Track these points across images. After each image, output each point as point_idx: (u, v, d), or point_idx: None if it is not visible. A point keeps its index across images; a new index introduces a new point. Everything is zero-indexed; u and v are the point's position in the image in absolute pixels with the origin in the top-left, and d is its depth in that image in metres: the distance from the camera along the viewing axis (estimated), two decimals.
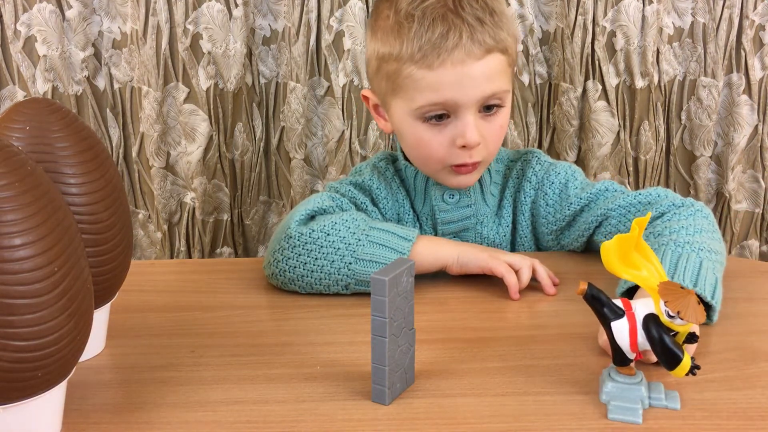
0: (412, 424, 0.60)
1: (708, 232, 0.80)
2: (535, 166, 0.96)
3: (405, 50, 0.84)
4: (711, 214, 0.84)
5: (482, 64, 0.84)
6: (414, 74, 0.85)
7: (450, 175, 0.90)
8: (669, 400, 0.61)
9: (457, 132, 0.86)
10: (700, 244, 0.76)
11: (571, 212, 0.92)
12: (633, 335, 0.57)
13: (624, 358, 0.59)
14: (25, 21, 1.35)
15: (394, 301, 0.60)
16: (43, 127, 0.63)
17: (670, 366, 0.56)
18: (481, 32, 0.84)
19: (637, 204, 0.88)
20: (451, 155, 0.88)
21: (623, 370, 0.60)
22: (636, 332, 0.57)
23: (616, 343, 0.59)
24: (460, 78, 0.84)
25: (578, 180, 0.95)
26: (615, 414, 0.59)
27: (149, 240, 1.47)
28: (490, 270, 0.84)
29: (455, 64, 0.83)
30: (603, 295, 0.59)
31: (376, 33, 0.89)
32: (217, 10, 1.33)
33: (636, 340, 0.57)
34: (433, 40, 0.83)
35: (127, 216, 0.69)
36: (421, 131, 0.88)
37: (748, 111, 1.39)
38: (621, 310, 0.58)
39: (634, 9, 1.33)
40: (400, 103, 0.88)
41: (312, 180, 1.44)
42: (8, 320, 0.50)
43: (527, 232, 0.97)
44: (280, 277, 0.85)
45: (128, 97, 1.40)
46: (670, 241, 0.77)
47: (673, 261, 0.74)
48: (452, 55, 0.83)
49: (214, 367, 0.69)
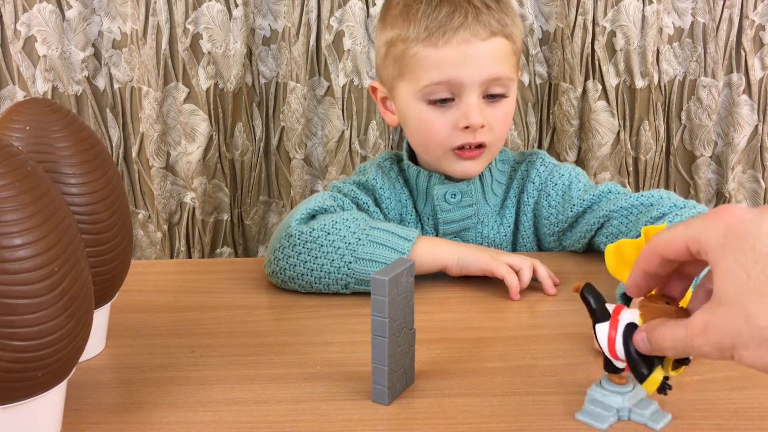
0: (412, 424, 0.60)
1: None
2: (539, 168, 0.96)
3: (412, 31, 0.88)
4: None
5: (486, 45, 0.87)
6: (420, 53, 0.87)
7: (453, 162, 0.91)
8: (652, 418, 0.58)
9: (460, 114, 0.88)
10: None
11: (573, 214, 0.92)
12: (611, 342, 0.55)
13: (612, 365, 0.57)
14: (25, 21, 1.34)
15: (394, 301, 0.60)
16: (43, 127, 0.63)
17: (637, 379, 0.54)
18: (487, 15, 0.87)
19: (639, 205, 0.88)
20: (454, 137, 0.89)
21: (613, 378, 0.58)
22: (614, 340, 0.55)
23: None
24: (464, 57, 0.86)
25: (581, 182, 0.95)
26: (582, 416, 0.58)
27: (149, 240, 1.47)
28: (491, 272, 0.84)
29: (460, 43, 0.86)
30: (593, 298, 0.57)
31: (385, 22, 0.92)
32: (217, 10, 1.33)
33: (614, 347, 0.55)
34: (439, 19, 0.86)
35: (127, 216, 0.69)
36: (425, 113, 0.89)
37: (748, 111, 1.39)
38: (608, 314, 0.57)
39: (634, 9, 1.33)
40: (405, 85, 0.90)
41: (312, 180, 1.44)
42: (8, 320, 0.50)
43: (529, 232, 0.97)
44: (280, 275, 0.85)
45: (128, 97, 1.40)
46: None
47: None
48: (457, 34, 0.86)
49: (214, 367, 0.69)
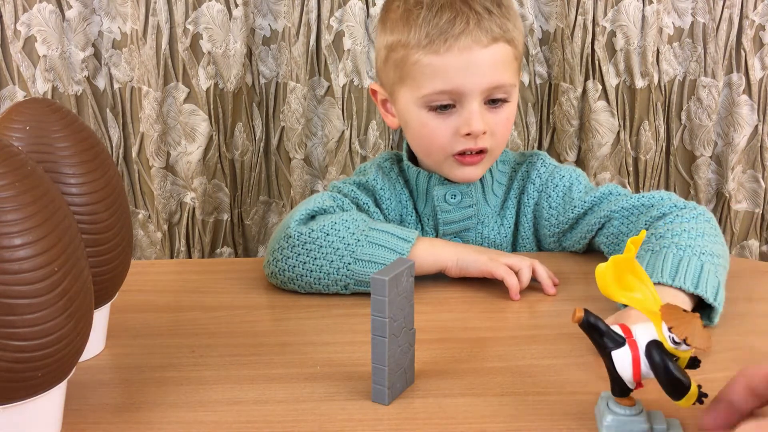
0: (412, 424, 0.60)
1: (710, 236, 0.80)
2: (540, 169, 0.96)
3: (413, 36, 0.86)
4: (713, 218, 0.84)
5: (488, 52, 0.85)
6: (421, 60, 0.86)
7: (454, 167, 0.90)
8: (672, 429, 0.56)
9: (462, 121, 0.87)
10: (702, 248, 0.76)
11: (574, 215, 0.92)
12: (636, 365, 0.52)
13: (624, 389, 0.54)
14: (25, 21, 1.34)
15: (394, 301, 0.60)
16: (43, 127, 0.63)
17: (676, 396, 0.51)
18: (489, 20, 0.85)
19: (639, 206, 0.87)
20: (455, 143, 0.88)
21: (623, 401, 0.55)
22: (639, 361, 0.52)
23: (616, 373, 0.54)
24: (466, 64, 0.85)
25: (582, 184, 0.95)
26: None
27: (149, 240, 1.47)
28: (490, 273, 0.84)
29: (462, 50, 0.84)
30: (601, 323, 0.54)
31: (385, 25, 0.91)
32: (217, 10, 1.33)
33: (639, 369, 0.52)
34: (441, 26, 0.84)
35: (127, 216, 0.69)
36: (426, 119, 0.88)
37: (748, 111, 1.39)
38: (621, 337, 0.53)
39: (634, 9, 1.33)
40: (406, 91, 0.89)
41: (312, 180, 1.44)
42: (8, 320, 0.50)
43: (529, 233, 0.97)
44: (280, 276, 0.85)
45: (128, 97, 1.40)
46: (671, 244, 0.77)
47: (674, 264, 0.74)
48: (459, 40, 0.84)
49: (214, 367, 0.69)
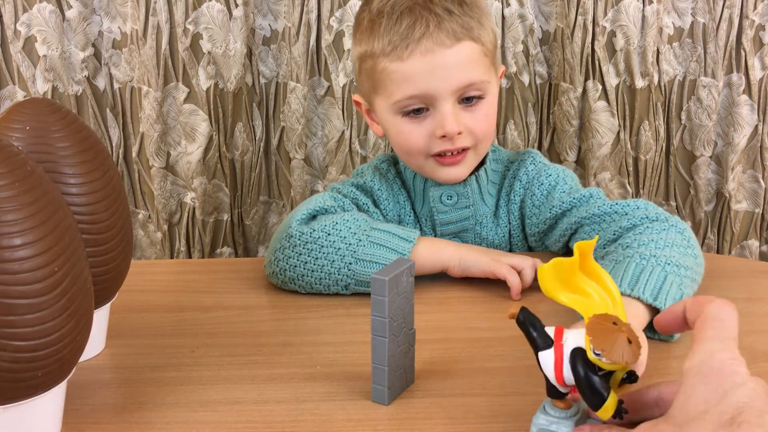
0: (412, 424, 0.60)
1: (680, 247, 0.78)
2: (528, 166, 0.96)
3: (377, 46, 0.86)
4: (688, 230, 0.82)
5: (452, 52, 0.85)
6: (388, 68, 0.86)
7: (436, 169, 0.90)
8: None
9: (436, 123, 0.87)
10: (668, 258, 0.75)
11: (552, 215, 0.91)
12: (558, 369, 0.52)
13: (557, 391, 0.54)
14: (25, 21, 1.34)
15: (394, 301, 0.60)
16: (43, 127, 0.63)
17: (593, 406, 0.50)
18: (449, 21, 0.85)
19: (612, 213, 0.86)
20: (432, 145, 0.88)
21: (557, 403, 0.55)
22: (561, 365, 0.52)
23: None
24: (430, 67, 0.85)
25: (567, 184, 0.94)
26: None
27: (149, 240, 1.47)
28: (493, 274, 0.84)
29: (424, 53, 0.84)
30: (536, 321, 0.54)
31: (356, 37, 0.91)
32: (217, 10, 1.33)
33: (561, 373, 0.52)
34: (401, 32, 0.85)
35: (127, 216, 0.69)
36: (401, 124, 0.89)
37: (748, 111, 1.39)
38: (550, 339, 0.53)
39: (634, 9, 1.33)
40: (380, 100, 0.90)
41: (312, 180, 1.44)
42: (8, 320, 0.50)
43: (518, 231, 0.97)
44: (281, 276, 0.85)
45: (128, 97, 1.40)
46: (635, 253, 0.76)
47: (636, 274, 0.72)
48: (420, 44, 0.84)
49: (214, 367, 0.69)
